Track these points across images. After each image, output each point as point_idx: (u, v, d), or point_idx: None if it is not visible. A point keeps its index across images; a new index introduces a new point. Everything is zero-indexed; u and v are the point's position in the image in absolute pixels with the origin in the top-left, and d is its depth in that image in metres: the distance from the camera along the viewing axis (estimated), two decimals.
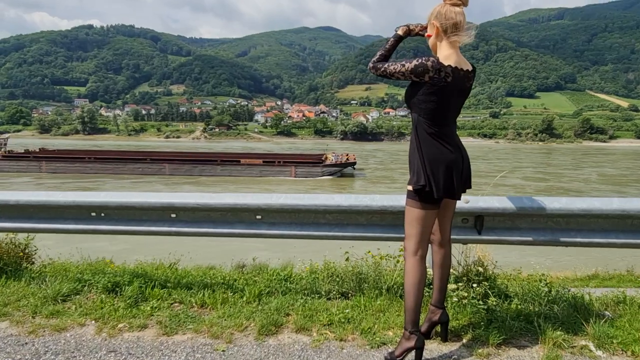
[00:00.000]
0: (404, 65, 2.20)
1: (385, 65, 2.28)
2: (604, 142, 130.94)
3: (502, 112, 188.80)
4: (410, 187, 2.30)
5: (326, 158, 46.46)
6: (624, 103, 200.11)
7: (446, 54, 2.21)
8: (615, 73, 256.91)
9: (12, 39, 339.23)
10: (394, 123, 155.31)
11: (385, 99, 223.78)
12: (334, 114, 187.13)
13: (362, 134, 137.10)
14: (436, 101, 2.19)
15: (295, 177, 41.62)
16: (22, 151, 49.86)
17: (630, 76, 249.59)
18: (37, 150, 52.22)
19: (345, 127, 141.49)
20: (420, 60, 2.16)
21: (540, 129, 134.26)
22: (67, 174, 41.63)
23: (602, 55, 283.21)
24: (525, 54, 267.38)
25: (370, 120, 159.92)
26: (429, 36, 2.32)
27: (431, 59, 2.16)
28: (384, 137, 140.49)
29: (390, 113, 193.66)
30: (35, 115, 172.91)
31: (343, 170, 44.43)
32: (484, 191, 3.04)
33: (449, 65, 2.17)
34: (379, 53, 2.37)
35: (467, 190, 2.41)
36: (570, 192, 35.54)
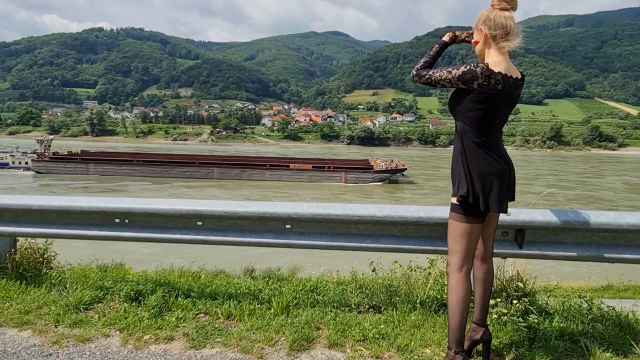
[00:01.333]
0: (450, 72, 2.10)
1: (430, 73, 2.18)
2: (613, 150, 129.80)
3: (509, 118, 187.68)
4: (454, 200, 2.20)
5: (374, 164, 46.11)
6: (633, 111, 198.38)
7: (495, 61, 2.11)
8: (625, 81, 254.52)
9: (23, 40, 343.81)
10: (401, 128, 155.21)
11: (392, 104, 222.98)
12: (340, 119, 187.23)
13: (369, 139, 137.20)
14: (484, 109, 2.09)
15: (345, 182, 41.12)
16: (66, 153, 50.55)
17: None
18: (80, 152, 52.83)
19: (352, 132, 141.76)
20: (468, 67, 2.06)
21: (548, 136, 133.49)
22: (116, 176, 41.99)
23: (611, 63, 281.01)
24: (533, 60, 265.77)
25: (377, 125, 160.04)
26: (476, 42, 2.22)
27: (480, 65, 2.06)
28: (390, 142, 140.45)
29: (397, 118, 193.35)
30: (45, 116, 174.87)
31: (391, 176, 43.98)
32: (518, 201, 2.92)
33: (499, 72, 2.07)
34: (422, 60, 2.27)
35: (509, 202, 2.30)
36: (602, 201, 34.98)
